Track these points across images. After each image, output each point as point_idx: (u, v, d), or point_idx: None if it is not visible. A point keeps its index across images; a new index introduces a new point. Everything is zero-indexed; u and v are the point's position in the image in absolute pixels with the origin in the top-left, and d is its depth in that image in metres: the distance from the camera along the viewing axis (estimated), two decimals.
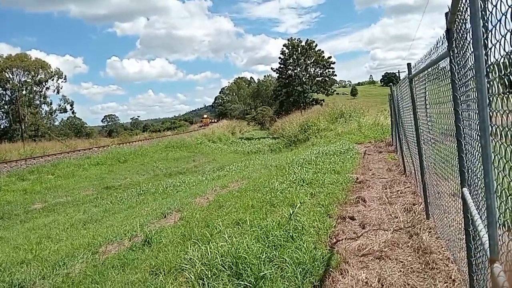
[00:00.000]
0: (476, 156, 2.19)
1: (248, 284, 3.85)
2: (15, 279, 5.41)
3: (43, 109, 63.99)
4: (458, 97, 2.69)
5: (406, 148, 7.93)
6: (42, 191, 18.06)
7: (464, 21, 2.28)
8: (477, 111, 1.81)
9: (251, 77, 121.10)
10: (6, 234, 10.29)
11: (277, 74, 72.00)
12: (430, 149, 4.73)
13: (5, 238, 9.51)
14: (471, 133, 2.32)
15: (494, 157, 1.70)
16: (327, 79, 69.70)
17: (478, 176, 2.18)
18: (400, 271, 3.89)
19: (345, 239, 4.98)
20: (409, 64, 5.74)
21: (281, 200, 7.04)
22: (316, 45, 69.19)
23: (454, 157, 3.02)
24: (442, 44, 3.14)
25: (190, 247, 5.04)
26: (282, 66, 69.81)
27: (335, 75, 71.34)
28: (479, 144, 1.83)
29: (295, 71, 69.09)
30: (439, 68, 3.54)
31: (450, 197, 3.53)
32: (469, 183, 2.61)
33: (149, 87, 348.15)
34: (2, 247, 8.15)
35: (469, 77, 2.25)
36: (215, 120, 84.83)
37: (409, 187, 7.34)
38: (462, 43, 2.44)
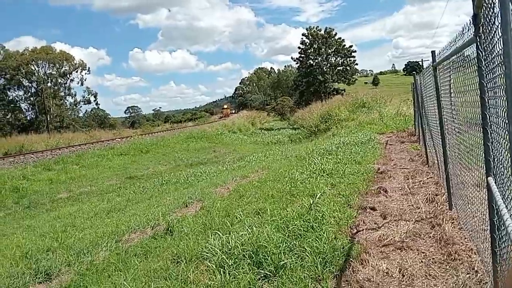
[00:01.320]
0: (503, 144, 2.12)
1: (268, 273, 3.88)
2: (41, 266, 5.61)
3: (67, 100, 65.48)
4: (485, 84, 2.60)
5: (429, 138, 7.77)
6: (67, 181, 18.53)
7: (492, 5, 2.20)
8: (504, 98, 1.76)
9: (271, 68, 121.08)
10: (32, 222, 10.64)
11: (297, 64, 71.50)
12: (454, 139, 4.61)
13: (32, 227, 9.83)
14: (498, 121, 2.25)
15: None
16: (348, 68, 68.77)
17: (505, 165, 2.12)
18: (422, 261, 3.84)
19: (366, 229, 4.93)
20: (433, 52, 5.57)
21: (301, 190, 7.02)
22: (335, 34, 68.26)
23: (479, 146, 2.94)
24: (468, 30, 3.04)
25: (211, 236, 5.10)
26: (302, 55, 69.21)
27: (356, 64, 70.40)
28: (506, 132, 1.77)
29: (316, 60, 68.39)
30: (465, 56, 3.44)
31: (474, 187, 3.45)
32: (494, 172, 2.54)
33: (170, 78, 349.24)
34: (29, 235, 8.43)
35: (496, 63, 2.18)
36: (235, 111, 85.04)
37: (432, 177, 7.20)
38: (489, 28, 2.36)
